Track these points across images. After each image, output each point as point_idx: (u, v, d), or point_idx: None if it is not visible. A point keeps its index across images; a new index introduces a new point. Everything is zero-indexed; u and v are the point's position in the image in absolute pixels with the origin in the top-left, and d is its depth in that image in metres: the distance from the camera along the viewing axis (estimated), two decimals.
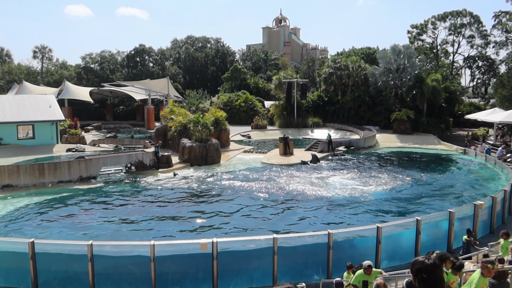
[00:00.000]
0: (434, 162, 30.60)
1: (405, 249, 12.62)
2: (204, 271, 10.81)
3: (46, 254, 10.88)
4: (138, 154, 26.01)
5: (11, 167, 21.64)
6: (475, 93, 64.22)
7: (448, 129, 48.56)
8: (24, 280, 10.80)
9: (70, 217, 17.11)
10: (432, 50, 59.70)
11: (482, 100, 61.18)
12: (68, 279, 10.96)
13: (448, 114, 48.19)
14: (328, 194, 20.61)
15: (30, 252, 10.56)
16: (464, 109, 53.53)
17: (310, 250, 11.66)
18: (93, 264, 10.42)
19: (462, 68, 62.97)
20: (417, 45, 57.81)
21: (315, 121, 48.12)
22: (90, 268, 10.42)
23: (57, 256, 11.09)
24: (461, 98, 51.60)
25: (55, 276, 11.01)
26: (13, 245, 11.41)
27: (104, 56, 78.12)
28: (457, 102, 48.85)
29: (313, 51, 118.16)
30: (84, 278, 10.56)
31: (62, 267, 11.10)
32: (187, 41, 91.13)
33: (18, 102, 36.37)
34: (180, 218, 16.91)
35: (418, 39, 59.43)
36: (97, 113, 63.90)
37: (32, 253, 10.57)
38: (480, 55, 58.59)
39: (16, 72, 77.88)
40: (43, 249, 10.84)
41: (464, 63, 60.98)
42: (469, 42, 57.62)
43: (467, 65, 60.87)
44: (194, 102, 57.63)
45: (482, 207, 14.16)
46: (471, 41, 57.31)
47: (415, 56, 48.35)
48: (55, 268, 11.06)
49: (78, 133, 38.33)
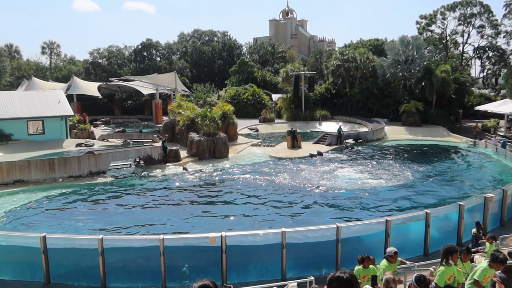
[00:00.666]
0: (443, 155, 30.34)
1: (414, 243, 12.57)
2: (214, 265, 10.88)
3: (57, 248, 11.05)
4: (146, 149, 26.16)
5: (22, 163, 21.92)
6: (485, 84, 63.35)
7: (458, 121, 48.04)
8: (37, 274, 10.98)
9: (81, 211, 17.32)
10: (442, 40, 58.89)
11: (492, 91, 60.34)
12: (79, 272, 11.12)
13: (457, 106, 47.63)
14: (337, 187, 20.56)
15: (42, 247, 10.72)
16: (474, 100, 52.83)
17: (319, 243, 11.67)
18: (104, 258, 10.55)
19: (472, 58, 62.08)
20: (426, 36, 57.05)
21: (323, 114, 47.89)
22: (101, 261, 10.55)
23: (69, 250, 11.25)
24: (471, 89, 50.91)
25: (67, 269, 11.18)
26: (25, 239, 11.60)
27: (112, 51, 78.39)
28: (467, 93, 48.23)
29: (321, 43, 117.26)
30: (95, 271, 10.71)
31: (73, 261, 11.26)
32: (194, 34, 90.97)
33: (27, 98, 36.73)
34: (189, 212, 17.01)
35: (427, 29, 58.64)
36: (105, 108, 64.25)
37: (44, 247, 10.73)
38: (491, 45, 57.68)
39: (25, 68, 78.59)
40: (54, 243, 11.00)
41: (474, 53, 60.10)
42: (479, 32, 56.75)
43: (477, 55, 59.99)
44: (201, 96, 57.69)
45: (493, 200, 14.03)
46: (481, 31, 56.44)
47: (424, 47, 47.72)
48: (66, 262, 11.23)
49: (87, 128, 38.63)
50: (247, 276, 11.02)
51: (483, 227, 13.00)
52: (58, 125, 35.71)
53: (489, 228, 14.08)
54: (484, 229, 13.74)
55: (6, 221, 15.97)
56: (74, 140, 35.70)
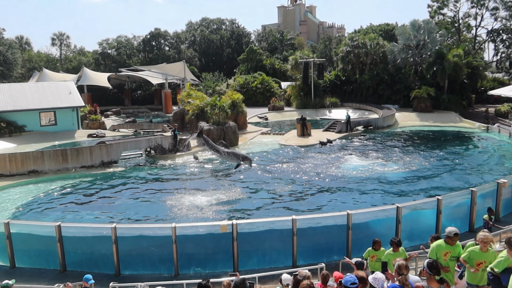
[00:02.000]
0: (455, 141, 29.96)
1: (426, 229, 12.51)
2: (226, 252, 11.00)
3: (72, 237, 11.27)
4: (157, 138, 26.35)
5: (35, 153, 22.26)
6: (499, 68, 61.98)
7: (470, 106, 47.22)
8: (53, 262, 11.24)
9: (94, 200, 17.59)
10: (454, 24, 57.58)
11: (506, 75, 59.04)
12: (94, 260, 11.35)
13: (470, 91, 46.73)
14: (347, 174, 20.51)
15: (57, 235, 10.95)
16: (487, 85, 51.79)
17: (329, 231, 11.69)
18: (118, 245, 10.74)
19: (485, 42, 60.64)
20: (437, 20, 55.82)
21: (332, 101, 47.49)
22: (115, 249, 10.75)
23: (83, 239, 11.47)
24: (484, 74, 49.88)
25: (82, 257, 11.42)
26: (41, 228, 11.85)
27: (121, 41, 78.44)
28: (479, 78, 47.29)
29: (330, 29, 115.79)
30: (109, 259, 10.92)
31: (88, 249, 11.50)
32: (202, 23, 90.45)
33: (39, 89, 37.11)
34: (200, 200, 17.16)
35: (439, 13, 57.31)
36: (115, 98, 64.58)
37: (59, 236, 10.96)
38: (505, 27, 56.19)
39: (36, 59, 79.18)
40: (69, 232, 11.23)
41: (488, 36, 58.68)
42: (493, 15, 55.27)
43: (490, 38, 58.56)
44: (210, 85, 57.57)
45: (506, 185, 13.84)
46: (495, 13, 54.96)
47: (436, 31, 46.74)
48: (81, 250, 11.46)
49: (98, 118, 38.96)
50: (258, 263, 11.13)
51: (495, 213, 12.87)
52: (69, 116, 36.09)
53: (502, 214, 13.96)
54: (497, 215, 13.62)
55: (23, 211, 16.32)
56: (86, 130, 36.07)
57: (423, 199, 14.56)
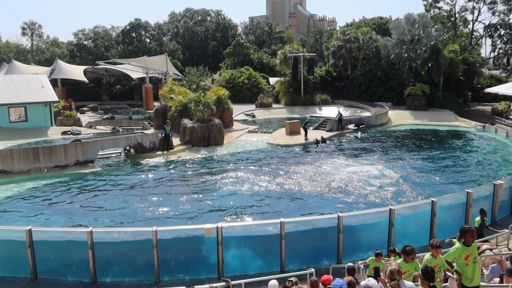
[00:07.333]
0: (451, 140, 30.46)
1: (419, 232, 12.69)
2: (210, 257, 10.97)
3: (44, 242, 11.08)
4: (137, 136, 26.12)
5: (4, 152, 21.84)
6: (496, 64, 63.24)
7: (466, 104, 48.10)
8: (23, 269, 11.04)
9: (68, 203, 17.34)
10: (450, 18, 58.52)
11: (504, 72, 60.30)
12: (68, 267, 11.18)
13: (466, 88, 47.59)
14: (337, 175, 20.66)
15: (28, 240, 10.75)
16: (484, 82, 52.80)
17: (319, 234, 11.76)
18: (94, 251, 10.61)
19: (483, 37, 61.85)
20: (433, 14, 56.72)
21: (323, 98, 47.80)
22: (91, 255, 10.61)
23: (56, 244, 11.29)
24: (480, 70, 50.84)
25: (55, 264, 11.24)
26: (10, 233, 11.62)
27: (98, 32, 77.51)
28: (476, 75, 48.18)
29: (321, 22, 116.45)
30: (85, 265, 10.78)
31: (61, 255, 11.31)
32: (185, 14, 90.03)
33: (8, 82, 36.40)
34: (182, 202, 17.08)
35: (435, 6, 58.23)
36: (92, 93, 63.87)
37: (30, 241, 10.76)
38: (503, 22, 57.38)
39: (4, 50, 77.71)
40: (41, 237, 11.04)
41: (485, 31, 59.83)
42: (491, 9, 56.42)
43: (488, 34, 59.71)
44: (194, 80, 57.32)
45: (502, 187, 14.09)
46: (492, 7, 56.11)
47: (431, 26, 47.46)
48: (54, 256, 11.27)
49: (73, 114, 38.46)
50: (245, 269, 11.12)
51: (492, 216, 13.11)
52: (42, 111, 35.52)
53: (498, 217, 14.23)
54: (494, 218, 13.88)
55: None
56: (60, 127, 35.56)
57: (417, 201, 14.75)
